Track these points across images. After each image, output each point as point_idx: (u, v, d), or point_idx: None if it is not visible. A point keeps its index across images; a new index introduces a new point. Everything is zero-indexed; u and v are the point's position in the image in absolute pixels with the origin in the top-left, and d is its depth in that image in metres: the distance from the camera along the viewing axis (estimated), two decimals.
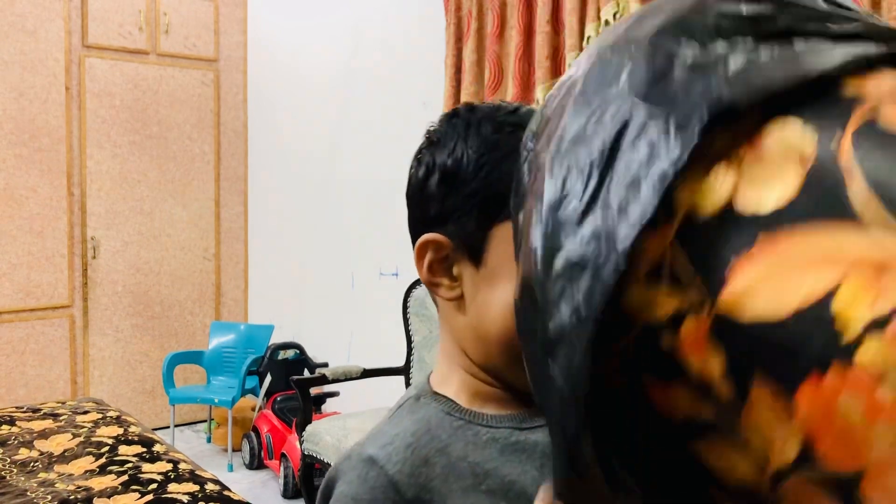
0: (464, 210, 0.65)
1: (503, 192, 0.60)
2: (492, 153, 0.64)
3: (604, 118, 0.36)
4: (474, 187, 0.64)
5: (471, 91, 3.10)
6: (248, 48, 4.63)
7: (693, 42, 0.35)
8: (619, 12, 2.57)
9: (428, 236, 0.68)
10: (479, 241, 0.64)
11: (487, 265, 0.64)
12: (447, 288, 0.67)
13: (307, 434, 2.88)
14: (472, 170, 0.64)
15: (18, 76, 3.88)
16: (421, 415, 0.68)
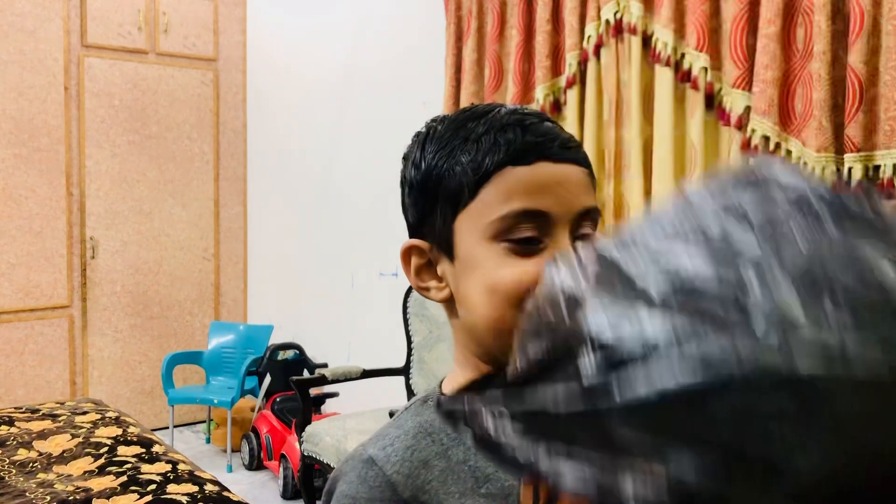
0: (430, 210, 0.68)
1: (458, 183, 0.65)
2: (444, 150, 0.67)
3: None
4: (433, 187, 0.67)
5: (471, 91, 3.10)
6: (248, 48, 4.62)
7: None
8: (619, 12, 2.56)
9: (407, 243, 0.71)
10: (449, 235, 0.66)
11: (460, 256, 0.66)
12: (436, 290, 0.69)
13: (307, 435, 2.87)
14: (430, 172, 0.67)
15: (18, 76, 3.88)
16: (425, 417, 0.69)
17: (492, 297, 0.64)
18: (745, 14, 2.22)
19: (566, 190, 0.64)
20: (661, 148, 2.45)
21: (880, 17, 1.94)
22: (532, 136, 0.65)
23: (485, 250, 0.64)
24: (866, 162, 1.98)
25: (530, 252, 0.63)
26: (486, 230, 0.64)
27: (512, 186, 0.63)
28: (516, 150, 0.64)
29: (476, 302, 0.65)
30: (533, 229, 0.63)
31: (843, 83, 2.02)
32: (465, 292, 0.66)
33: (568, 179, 0.65)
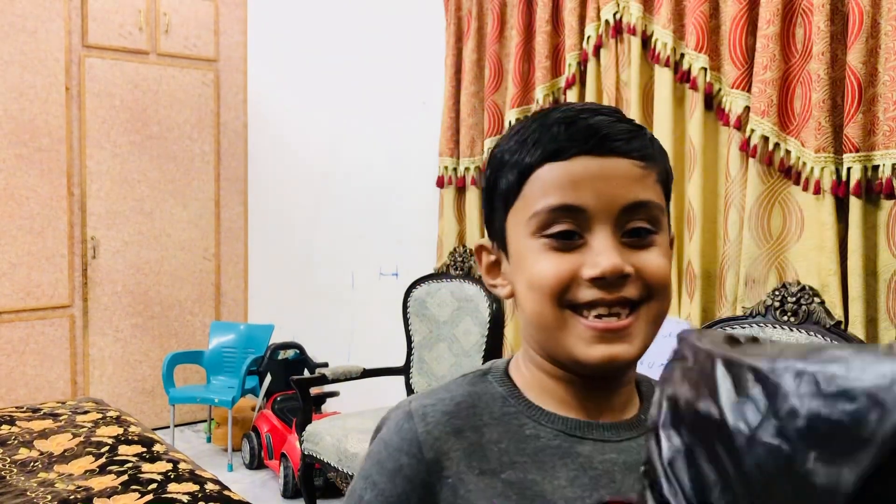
0: (492, 211, 0.70)
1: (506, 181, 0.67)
2: (502, 151, 0.69)
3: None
4: (492, 188, 0.70)
5: (471, 91, 3.10)
6: (249, 48, 4.63)
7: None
8: (619, 13, 2.57)
9: (477, 243, 0.74)
10: (503, 233, 0.69)
11: (512, 254, 0.68)
12: (501, 286, 0.72)
13: (307, 434, 2.88)
14: (490, 174, 0.70)
15: (18, 76, 3.88)
16: (478, 389, 0.70)
17: (532, 293, 0.65)
18: (745, 14, 2.22)
19: (606, 184, 0.63)
20: None
21: (879, 18, 1.95)
22: (574, 131, 0.64)
23: (527, 247, 0.66)
24: (865, 162, 1.99)
25: (569, 247, 0.64)
26: (528, 226, 0.65)
27: (548, 182, 0.64)
28: (553, 147, 0.64)
29: (523, 298, 0.67)
30: (569, 224, 0.64)
31: (842, 83, 2.02)
32: (517, 288, 0.68)
33: (610, 173, 0.64)
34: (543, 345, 0.67)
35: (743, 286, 2.21)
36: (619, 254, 0.63)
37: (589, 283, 0.63)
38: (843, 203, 2.04)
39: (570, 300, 0.64)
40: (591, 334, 0.63)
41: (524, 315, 0.68)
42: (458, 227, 3.20)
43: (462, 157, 3.15)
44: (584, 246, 0.64)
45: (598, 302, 0.63)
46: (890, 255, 1.98)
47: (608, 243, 0.63)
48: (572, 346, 0.64)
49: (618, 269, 0.62)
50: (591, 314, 0.63)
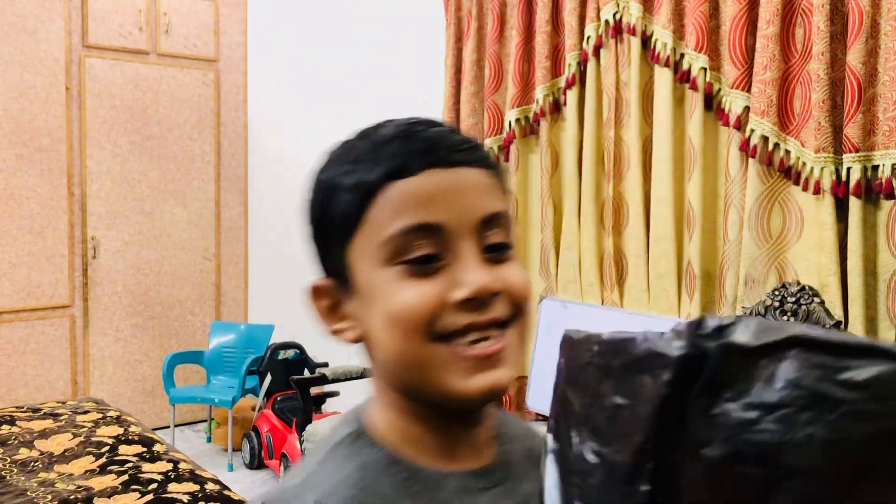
0: (325, 247, 0.63)
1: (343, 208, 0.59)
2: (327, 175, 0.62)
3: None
4: (321, 221, 0.62)
5: (471, 91, 3.10)
6: (249, 49, 4.63)
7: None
8: (619, 13, 2.57)
9: (311, 283, 0.64)
10: (344, 268, 0.60)
11: (360, 290, 0.60)
12: (346, 332, 0.62)
13: (307, 434, 2.88)
14: (317, 202, 0.62)
15: (18, 76, 3.88)
16: (361, 461, 0.61)
17: (394, 330, 0.57)
18: (744, 15, 2.22)
19: (462, 196, 0.58)
20: (661, 148, 2.46)
21: (879, 18, 1.95)
22: (416, 143, 0.58)
23: (381, 277, 0.57)
24: (865, 162, 1.99)
25: (430, 272, 0.57)
26: (379, 254, 0.57)
27: (399, 201, 0.57)
28: (399, 161, 0.57)
29: (381, 337, 0.58)
30: (429, 245, 0.57)
31: (842, 84, 2.02)
32: (371, 327, 0.59)
33: (463, 184, 0.58)
34: (411, 386, 0.59)
35: (743, 286, 2.21)
36: (486, 269, 0.57)
37: (458, 306, 0.56)
38: (842, 203, 2.05)
39: (440, 330, 0.56)
40: (468, 364, 0.57)
41: (383, 356, 0.59)
42: None
43: None
44: (445, 267, 0.57)
45: (471, 327, 0.57)
46: (889, 255, 1.98)
47: (473, 260, 0.57)
48: (449, 381, 0.57)
49: (490, 287, 0.57)
50: (464, 341, 0.57)
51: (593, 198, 2.68)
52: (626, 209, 2.60)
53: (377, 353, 0.60)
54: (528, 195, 2.97)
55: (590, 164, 2.67)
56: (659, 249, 2.47)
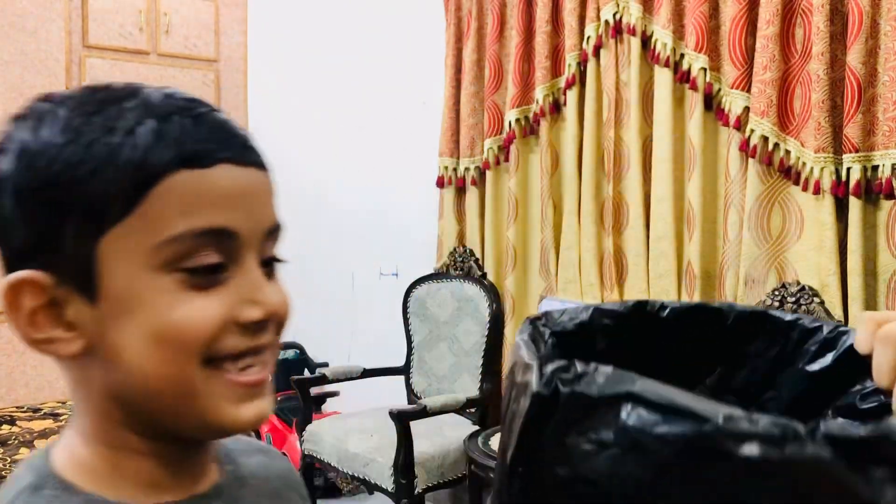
0: (54, 228, 0.47)
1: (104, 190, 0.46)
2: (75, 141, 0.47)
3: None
4: (59, 194, 0.46)
5: (471, 91, 3.10)
6: (249, 49, 4.63)
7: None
8: (619, 13, 2.57)
9: (16, 277, 0.48)
10: (88, 264, 0.47)
11: (109, 294, 0.47)
12: (64, 342, 0.48)
13: (307, 434, 2.88)
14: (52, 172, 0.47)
15: (19, 76, 3.88)
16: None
17: (164, 350, 0.47)
18: (744, 15, 2.22)
19: (255, 202, 0.52)
20: (661, 148, 2.46)
21: (879, 18, 1.95)
22: (207, 130, 0.49)
23: (150, 284, 0.47)
24: (865, 162, 1.99)
25: (213, 283, 0.48)
26: (153, 256, 0.47)
27: (189, 196, 0.47)
28: (190, 147, 0.47)
29: (137, 357, 0.47)
30: (218, 254, 0.48)
31: (842, 84, 2.02)
32: (118, 344, 0.48)
33: (256, 189, 0.52)
34: (162, 414, 0.50)
35: (742, 286, 2.21)
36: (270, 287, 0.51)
37: (240, 328, 0.49)
38: (842, 203, 2.05)
39: (214, 353, 0.48)
40: (239, 392, 0.50)
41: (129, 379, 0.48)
42: (458, 227, 3.20)
43: (462, 157, 3.15)
44: (228, 280, 0.49)
45: (248, 351, 0.50)
46: (889, 255, 1.98)
47: (259, 274, 0.50)
48: (216, 409, 0.49)
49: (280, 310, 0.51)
50: (236, 367, 0.50)
51: (593, 197, 2.68)
52: (626, 209, 2.60)
53: (116, 373, 0.48)
54: (528, 195, 2.97)
55: (590, 164, 2.67)
56: (659, 249, 2.47)
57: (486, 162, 3.05)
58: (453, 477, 2.61)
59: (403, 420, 2.43)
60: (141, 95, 0.49)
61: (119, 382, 0.49)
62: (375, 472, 2.54)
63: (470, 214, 3.16)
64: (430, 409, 2.52)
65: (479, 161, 3.11)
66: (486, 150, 3.04)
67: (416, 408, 2.51)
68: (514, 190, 2.95)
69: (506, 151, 3.00)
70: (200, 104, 0.50)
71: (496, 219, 3.07)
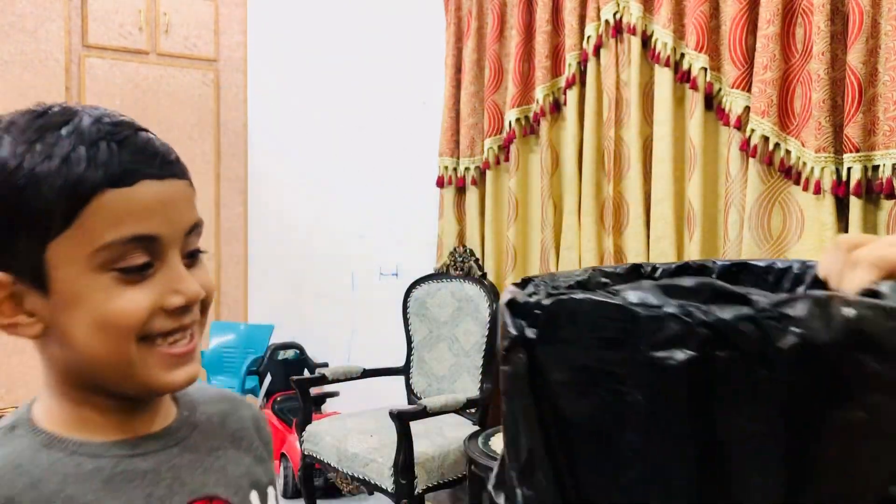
0: (7, 237, 0.59)
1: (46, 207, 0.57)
2: (20, 165, 0.58)
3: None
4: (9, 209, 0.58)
5: (471, 91, 3.10)
6: (249, 48, 4.63)
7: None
8: (619, 13, 2.57)
9: None
10: (39, 267, 0.59)
11: (57, 290, 0.59)
12: (27, 326, 0.61)
13: (307, 434, 2.88)
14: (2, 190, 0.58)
15: (19, 76, 3.88)
16: (12, 448, 0.62)
17: (105, 335, 0.59)
18: (745, 14, 2.22)
19: (174, 209, 0.62)
20: (661, 148, 2.45)
21: (879, 18, 1.95)
22: (130, 152, 0.60)
23: (90, 283, 0.59)
24: (865, 162, 1.99)
25: (141, 278, 0.60)
26: (90, 261, 0.58)
27: (116, 211, 0.58)
28: (116, 169, 0.58)
29: (84, 339, 0.60)
30: (144, 255, 0.60)
31: (843, 83, 2.02)
32: (68, 329, 0.60)
33: (174, 197, 0.62)
34: (109, 381, 0.62)
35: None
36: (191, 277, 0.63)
37: (166, 313, 0.61)
38: (843, 203, 2.04)
39: (147, 332, 0.61)
40: (169, 362, 0.63)
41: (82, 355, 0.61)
42: (458, 227, 3.20)
43: (462, 157, 3.15)
44: (155, 274, 0.61)
45: (175, 329, 0.62)
46: None
47: (181, 267, 0.62)
48: (151, 376, 0.62)
49: (200, 296, 0.63)
50: (166, 342, 0.62)
51: (593, 197, 2.68)
52: (626, 209, 2.60)
53: (69, 352, 0.61)
54: (528, 195, 2.97)
55: (590, 164, 2.67)
56: (659, 249, 2.47)
57: (486, 162, 3.05)
58: (453, 477, 2.61)
59: (403, 420, 2.43)
60: (74, 121, 0.60)
61: (72, 358, 0.62)
62: (375, 473, 2.54)
63: (470, 214, 3.16)
64: (430, 409, 2.53)
65: (479, 161, 3.11)
66: (486, 149, 3.04)
67: (416, 408, 2.52)
68: (514, 190, 2.95)
69: (506, 151, 3.00)
70: (126, 127, 0.62)
71: (496, 219, 3.07)
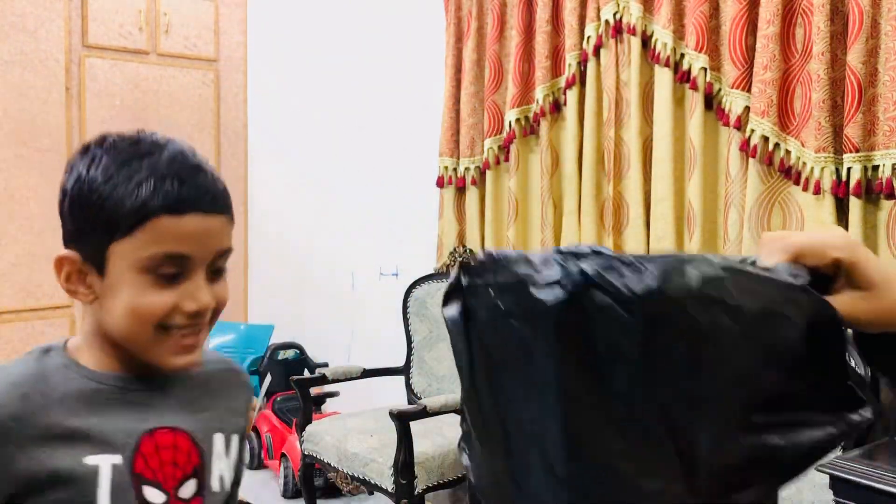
0: (88, 229, 0.79)
1: (116, 217, 0.76)
2: (107, 182, 0.77)
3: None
4: (94, 212, 0.77)
5: (471, 91, 3.10)
6: (248, 48, 4.62)
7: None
8: (619, 13, 2.57)
9: (62, 254, 0.82)
10: (101, 257, 0.78)
11: (109, 278, 0.79)
12: (83, 294, 0.82)
13: (307, 434, 2.88)
14: (92, 197, 0.77)
15: (19, 76, 3.88)
16: (42, 363, 0.82)
17: (132, 319, 0.78)
18: (745, 14, 2.22)
19: (209, 237, 0.81)
20: (661, 148, 2.45)
21: (879, 18, 1.95)
22: (188, 189, 0.78)
23: (132, 279, 0.78)
24: (865, 162, 1.99)
25: (171, 284, 0.79)
26: (136, 263, 0.77)
27: (164, 232, 0.77)
28: (172, 201, 0.77)
29: (118, 318, 0.79)
30: (176, 267, 0.78)
31: (842, 83, 2.02)
32: (110, 307, 0.80)
33: (212, 228, 0.81)
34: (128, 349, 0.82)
35: None
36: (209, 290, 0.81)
37: (183, 313, 0.79)
38: (843, 203, 2.04)
39: (165, 324, 0.79)
40: (177, 349, 0.81)
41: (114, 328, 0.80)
42: (458, 227, 3.20)
43: (462, 157, 3.15)
44: (183, 282, 0.79)
45: (187, 325, 0.80)
46: (890, 255, 1.98)
47: (203, 282, 0.80)
48: (160, 356, 0.81)
49: (211, 306, 0.81)
50: (179, 334, 0.80)
51: (593, 198, 2.68)
52: (626, 209, 2.60)
53: (108, 322, 0.81)
54: (528, 195, 2.97)
55: (590, 164, 2.67)
56: (659, 249, 2.47)
57: (486, 162, 3.05)
58: (453, 477, 2.61)
59: (403, 420, 2.43)
60: (157, 155, 0.78)
61: (108, 326, 0.82)
62: (375, 472, 2.54)
63: (470, 214, 3.16)
64: (430, 409, 2.52)
65: (479, 161, 3.11)
66: (486, 149, 3.04)
67: (416, 408, 2.51)
68: (514, 190, 2.95)
69: (506, 151, 3.00)
70: (192, 169, 0.80)
71: (496, 219, 3.07)
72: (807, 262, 0.52)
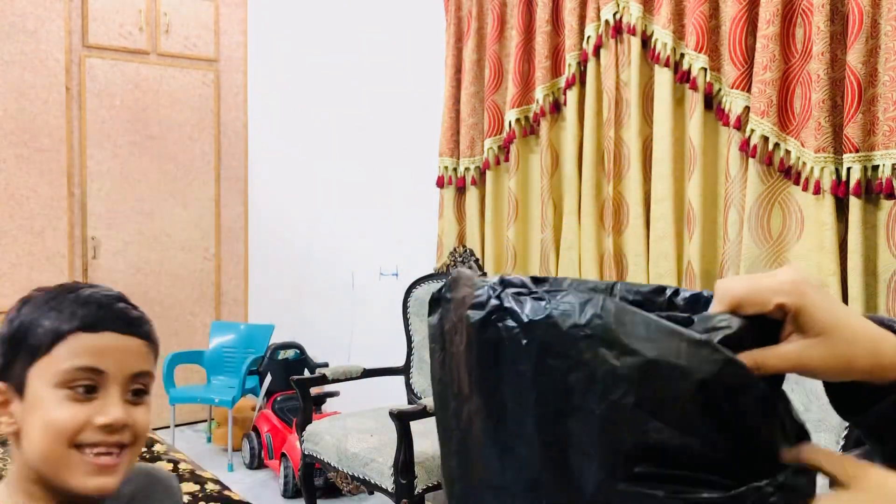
0: (13, 359, 0.83)
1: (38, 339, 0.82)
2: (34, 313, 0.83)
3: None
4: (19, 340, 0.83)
5: (471, 91, 3.10)
6: (248, 48, 4.63)
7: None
8: (619, 13, 2.57)
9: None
10: (23, 379, 0.82)
11: (27, 399, 0.82)
12: (6, 424, 0.84)
13: (307, 434, 2.88)
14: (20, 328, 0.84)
15: (19, 76, 3.88)
16: None
17: (47, 434, 0.80)
18: (745, 15, 2.22)
19: (125, 356, 0.84)
20: (660, 148, 2.45)
21: (879, 18, 1.95)
22: (105, 311, 0.84)
23: (49, 395, 0.81)
24: (865, 162, 1.99)
25: (86, 398, 0.81)
26: (53, 378, 0.80)
27: (79, 346, 0.81)
28: (90, 320, 0.82)
29: (34, 437, 0.81)
30: (91, 381, 0.81)
31: (842, 84, 2.02)
32: (28, 429, 0.82)
33: (129, 348, 0.85)
34: (45, 477, 0.82)
35: None
36: (124, 408, 0.83)
37: (98, 428, 0.81)
38: (842, 203, 2.04)
39: (79, 441, 0.81)
40: (90, 468, 0.81)
41: (31, 451, 0.81)
42: (458, 227, 3.20)
43: (462, 157, 3.15)
44: (98, 398, 0.81)
45: (101, 443, 0.81)
46: (890, 255, 1.98)
47: (117, 399, 0.82)
48: (72, 477, 0.81)
49: (122, 421, 0.82)
50: (93, 452, 0.81)
51: (593, 198, 2.68)
52: (626, 209, 2.60)
53: (27, 448, 0.82)
54: (528, 195, 2.97)
55: (590, 164, 2.67)
56: (659, 249, 2.47)
57: (486, 162, 3.05)
58: None
59: (403, 420, 2.42)
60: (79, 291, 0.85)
61: (27, 454, 0.82)
62: (375, 472, 2.54)
63: (470, 214, 3.16)
64: (430, 408, 2.52)
65: (479, 161, 3.11)
66: (486, 150, 3.05)
67: (416, 408, 2.50)
68: (514, 190, 2.95)
69: (506, 151, 3.00)
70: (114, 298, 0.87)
71: (496, 219, 3.07)
72: (747, 312, 0.50)
